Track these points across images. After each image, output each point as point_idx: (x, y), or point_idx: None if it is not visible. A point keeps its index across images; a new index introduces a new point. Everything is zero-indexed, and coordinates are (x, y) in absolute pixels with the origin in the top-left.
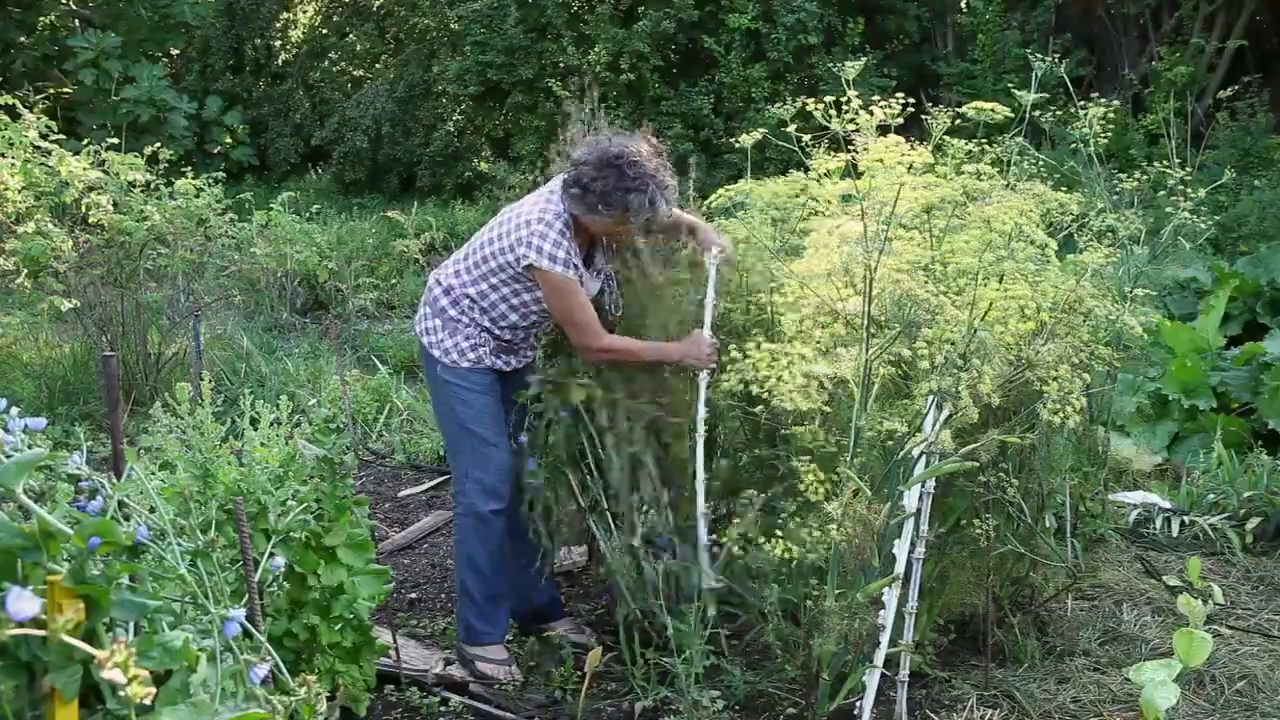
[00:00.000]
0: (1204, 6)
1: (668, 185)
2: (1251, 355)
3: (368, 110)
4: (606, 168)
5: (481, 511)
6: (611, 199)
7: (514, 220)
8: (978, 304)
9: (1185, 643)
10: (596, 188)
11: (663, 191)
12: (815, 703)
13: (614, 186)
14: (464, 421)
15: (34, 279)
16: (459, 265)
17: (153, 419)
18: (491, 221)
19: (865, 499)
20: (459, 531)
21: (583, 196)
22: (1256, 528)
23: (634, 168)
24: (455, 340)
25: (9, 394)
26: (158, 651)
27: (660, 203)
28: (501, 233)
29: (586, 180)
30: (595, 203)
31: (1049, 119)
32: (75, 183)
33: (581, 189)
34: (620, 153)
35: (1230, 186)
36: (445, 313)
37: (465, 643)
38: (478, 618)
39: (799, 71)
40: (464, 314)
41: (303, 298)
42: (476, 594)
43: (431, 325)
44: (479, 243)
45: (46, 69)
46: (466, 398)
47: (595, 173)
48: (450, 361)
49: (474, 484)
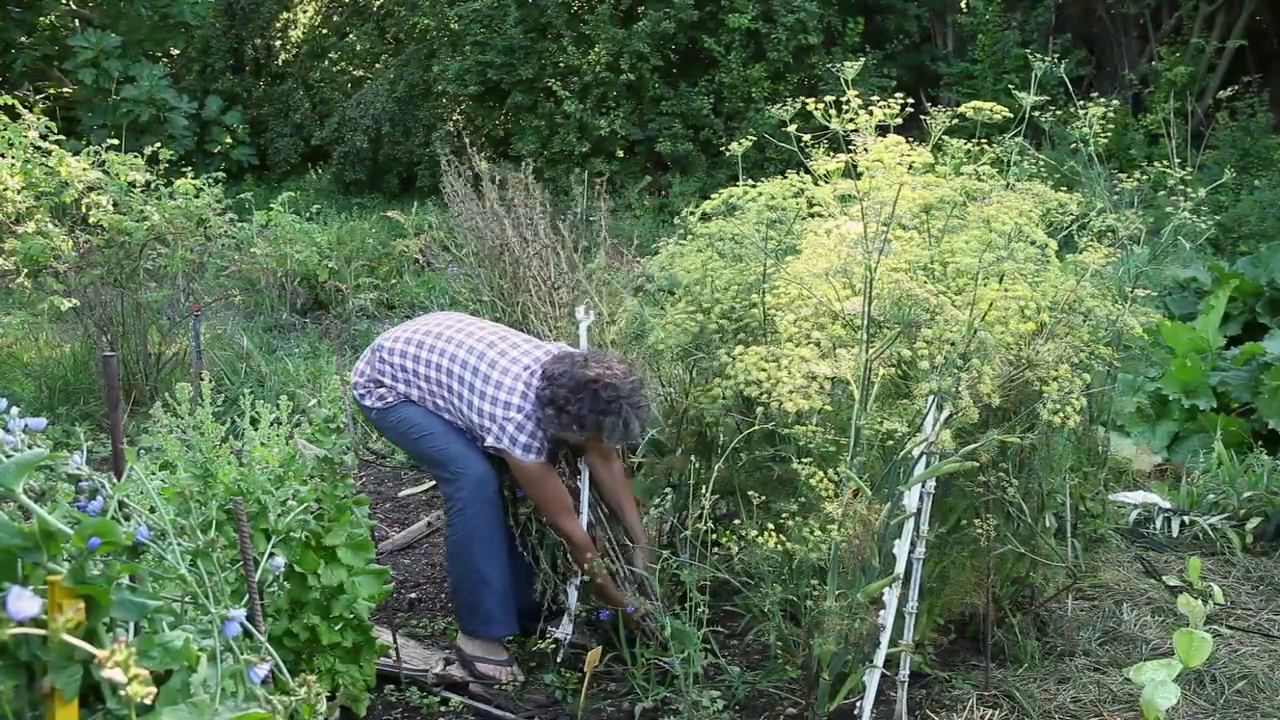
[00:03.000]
0: (1204, 6)
1: (641, 406)
2: (1251, 355)
3: (368, 110)
4: (581, 390)
5: (486, 496)
6: (586, 421)
7: (493, 393)
8: (978, 304)
9: (1185, 643)
10: (571, 410)
11: (636, 412)
12: (815, 703)
13: (589, 410)
14: (420, 440)
15: (34, 279)
16: (407, 360)
17: (153, 419)
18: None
19: (865, 499)
20: (466, 526)
21: (557, 417)
22: (1256, 528)
23: (608, 390)
24: (390, 390)
25: (9, 394)
26: (158, 651)
27: (634, 424)
28: (477, 390)
29: (561, 402)
30: (570, 423)
31: (1049, 119)
32: (75, 183)
33: (556, 410)
34: (596, 376)
35: (1230, 186)
36: (381, 379)
37: (483, 636)
38: (499, 605)
39: (799, 71)
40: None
41: (303, 298)
42: (495, 580)
43: (370, 380)
44: (442, 362)
45: (46, 69)
46: (409, 416)
47: (569, 395)
48: (384, 405)
49: (465, 480)
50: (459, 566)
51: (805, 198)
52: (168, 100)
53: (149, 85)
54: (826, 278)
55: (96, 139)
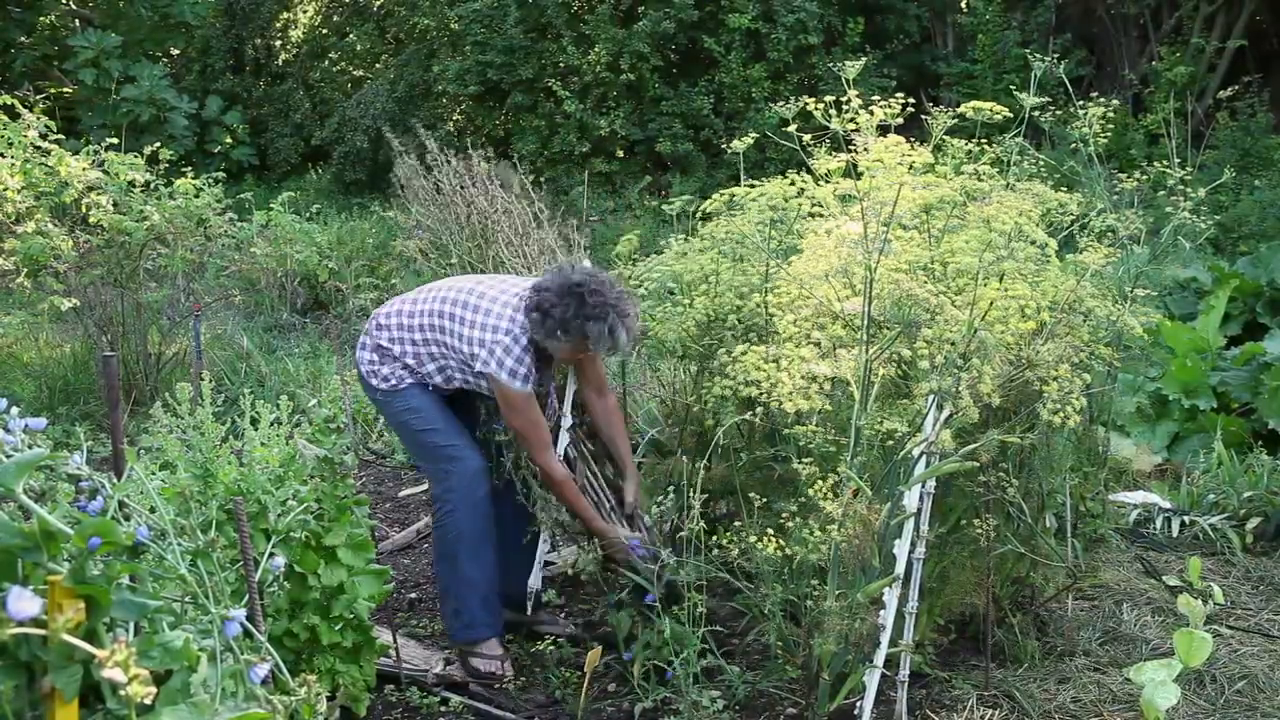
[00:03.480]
0: (1204, 6)
1: (628, 315)
2: (1251, 355)
3: (368, 110)
4: (567, 295)
5: (473, 497)
6: (570, 326)
7: (482, 320)
8: (978, 304)
9: (1185, 643)
10: (556, 314)
11: (623, 320)
12: (815, 703)
13: (574, 314)
14: (421, 434)
15: (34, 279)
16: (402, 318)
17: (153, 419)
18: (452, 289)
19: (865, 499)
20: (452, 527)
21: (542, 322)
22: (1256, 528)
23: (594, 295)
24: (392, 368)
25: (9, 394)
26: (158, 651)
27: (620, 332)
28: (468, 321)
29: (547, 306)
30: (555, 328)
31: (1049, 119)
32: (75, 182)
33: (541, 314)
34: (582, 280)
35: (1230, 186)
36: (381, 347)
37: (465, 640)
38: (483, 607)
39: (799, 71)
40: (400, 355)
41: (303, 297)
42: (481, 581)
43: (371, 357)
44: (433, 307)
45: (46, 69)
46: (416, 406)
47: (556, 299)
48: (389, 386)
49: (458, 479)
50: (445, 566)
51: (806, 197)
52: (168, 100)
53: (149, 85)
54: (826, 278)
55: (96, 139)
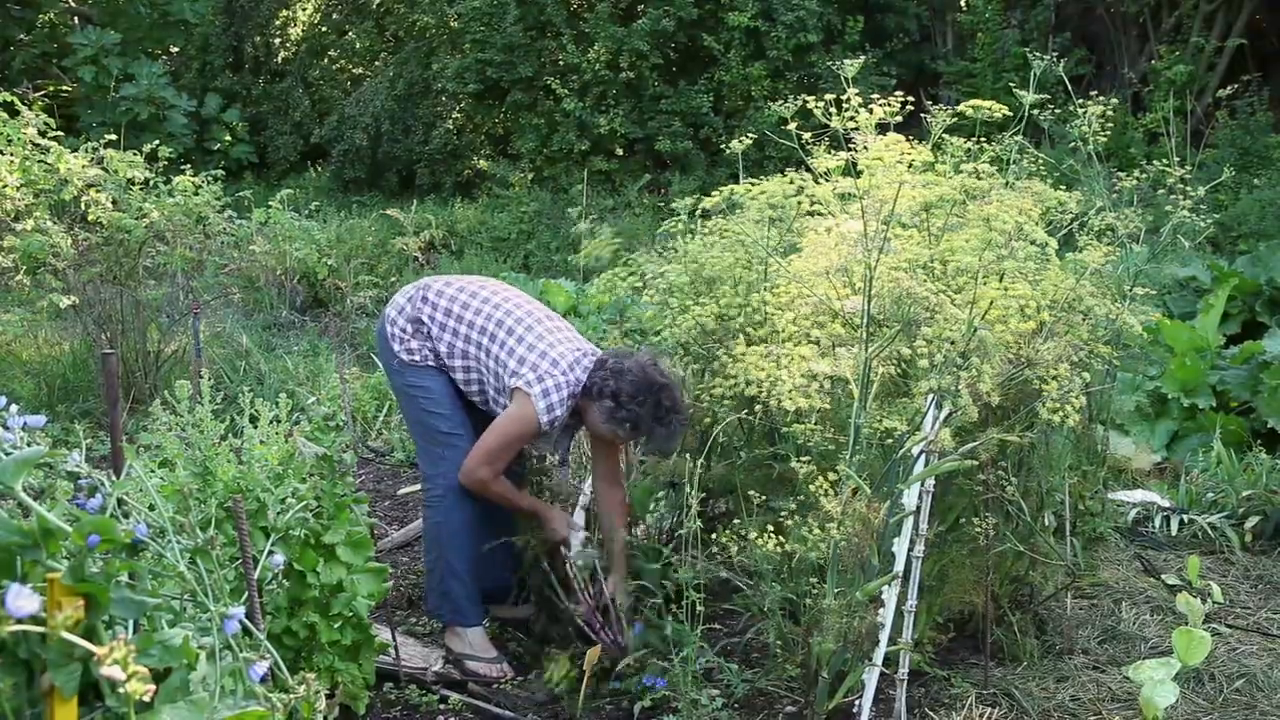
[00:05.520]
0: (1204, 5)
1: (686, 422)
2: (1251, 354)
3: (367, 108)
4: (647, 394)
5: (462, 488)
6: (641, 423)
7: (544, 349)
8: (978, 302)
9: (1184, 641)
10: (630, 409)
11: (681, 429)
12: (814, 701)
13: (649, 415)
14: (427, 414)
15: (33, 276)
16: (455, 305)
17: (152, 417)
18: (522, 305)
19: (865, 497)
20: (438, 514)
21: (613, 411)
22: (1255, 526)
23: (671, 401)
24: (421, 345)
25: (8, 391)
26: (157, 649)
27: (675, 441)
28: (527, 342)
29: (624, 398)
30: (624, 420)
31: (1048, 118)
32: (74, 180)
33: (615, 403)
34: (665, 385)
35: (1230, 185)
36: (420, 322)
37: (451, 622)
38: (467, 597)
39: (798, 70)
40: (436, 338)
41: (302, 295)
42: (463, 571)
43: (405, 325)
44: (496, 314)
45: (46, 66)
46: (430, 387)
47: (633, 392)
48: (411, 360)
49: (449, 466)
50: (432, 552)
51: (805, 195)
52: (167, 98)
53: (148, 83)
54: (826, 276)
55: (95, 137)
